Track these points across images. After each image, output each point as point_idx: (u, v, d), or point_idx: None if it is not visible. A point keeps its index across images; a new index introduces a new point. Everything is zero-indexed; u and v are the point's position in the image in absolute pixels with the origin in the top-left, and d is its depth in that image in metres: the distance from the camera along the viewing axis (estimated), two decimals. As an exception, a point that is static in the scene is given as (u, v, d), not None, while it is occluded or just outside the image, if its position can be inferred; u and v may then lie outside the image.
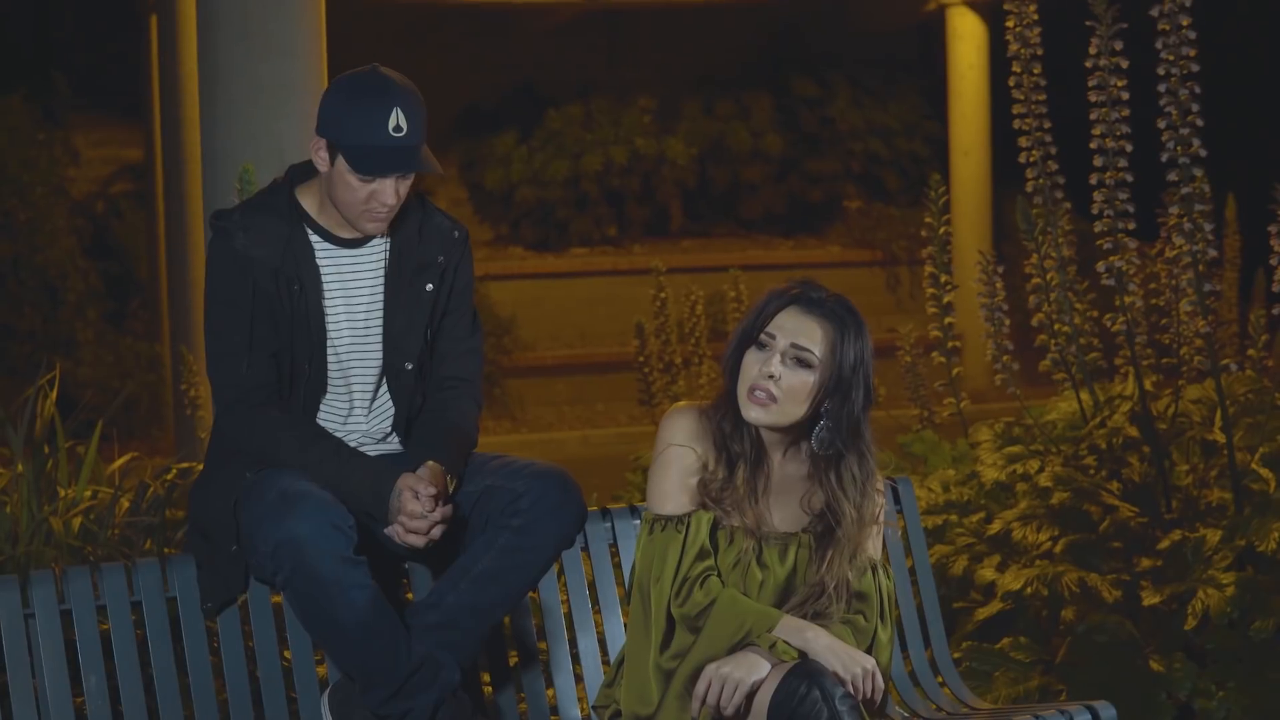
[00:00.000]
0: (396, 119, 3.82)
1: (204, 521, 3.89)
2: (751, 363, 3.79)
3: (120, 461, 6.29)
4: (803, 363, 3.77)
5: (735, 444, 3.82)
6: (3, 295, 13.64)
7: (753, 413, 3.78)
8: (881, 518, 3.93)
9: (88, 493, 6.02)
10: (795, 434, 3.85)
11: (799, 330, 3.78)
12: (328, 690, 3.87)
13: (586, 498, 4.00)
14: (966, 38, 14.28)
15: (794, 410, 3.77)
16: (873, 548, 3.89)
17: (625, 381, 13.28)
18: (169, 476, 5.93)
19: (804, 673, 3.57)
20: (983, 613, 5.32)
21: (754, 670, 3.61)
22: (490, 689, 4.15)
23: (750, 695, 3.61)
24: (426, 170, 3.86)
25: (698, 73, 16.57)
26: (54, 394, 6.21)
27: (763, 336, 3.79)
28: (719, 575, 3.79)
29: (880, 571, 3.88)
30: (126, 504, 6.05)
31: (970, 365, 11.31)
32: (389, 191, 3.86)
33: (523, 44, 16.33)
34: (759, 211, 16.26)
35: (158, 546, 5.53)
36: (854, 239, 16.01)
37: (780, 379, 3.76)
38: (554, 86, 16.19)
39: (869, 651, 3.82)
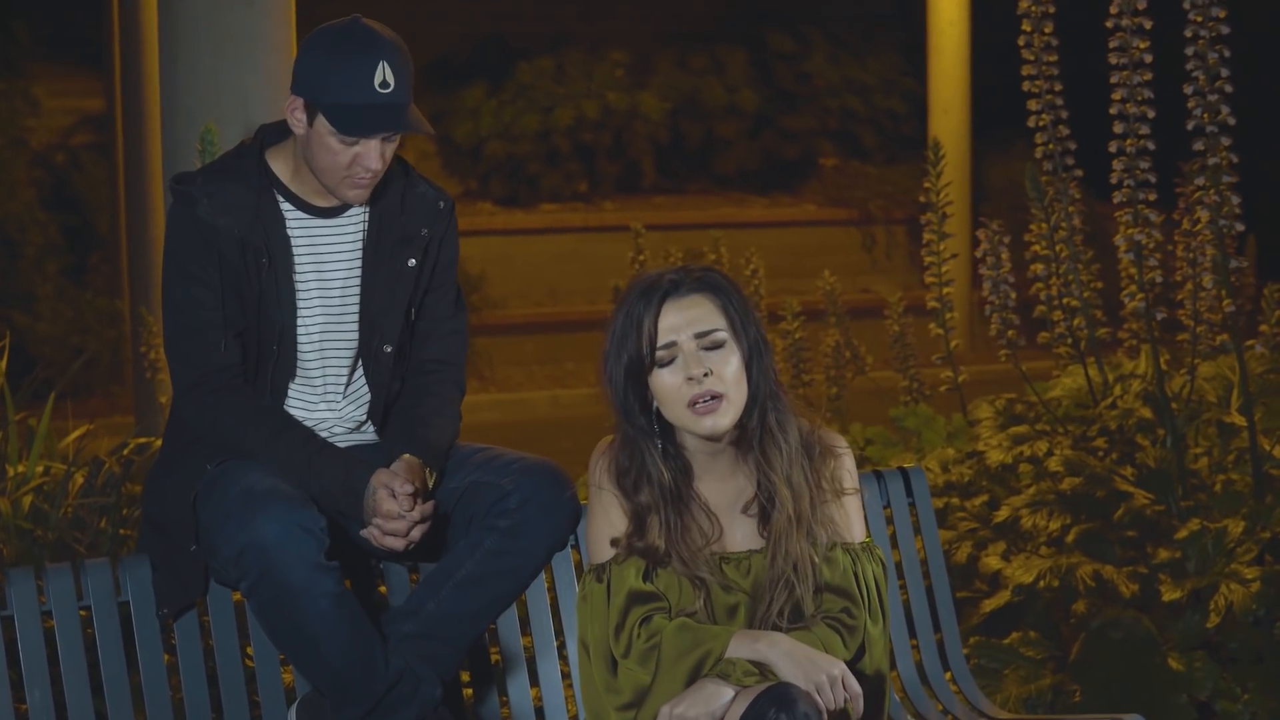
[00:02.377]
0: (383, 74, 3.48)
1: (160, 517, 3.55)
2: (669, 383, 3.42)
3: (75, 434, 5.94)
4: (717, 344, 3.43)
5: (642, 495, 3.45)
6: (-43, 249, 13.30)
7: (706, 424, 3.41)
8: (847, 488, 3.56)
9: (39, 468, 5.69)
10: (731, 440, 3.49)
11: (692, 319, 3.43)
12: (296, 703, 3.55)
13: (559, 460, 3.65)
14: (948, -8, 13.97)
15: (740, 396, 3.43)
16: (846, 527, 3.54)
17: (596, 340, 12.94)
18: (125, 452, 5.60)
19: (772, 698, 3.19)
20: (989, 604, 5.03)
21: (711, 703, 3.24)
22: (470, 693, 3.83)
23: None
24: (416, 130, 3.52)
25: (671, 26, 16.25)
26: (3, 363, 5.87)
27: (660, 354, 3.43)
28: (670, 615, 3.41)
29: (864, 556, 3.53)
30: (81, 480, 5.73)
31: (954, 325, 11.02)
32: (373, 155, 3.51)
33: (495, -6, 16.04)
34: (733, 168, 15.97)
35: (112, 528, 5.20)
36: (829, 197, 15.72)
37: (713, 371, 3.42)
38: (525, 38, 15.87)
39: (861, 651, 3.49)
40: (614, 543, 3.46)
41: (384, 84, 3.47)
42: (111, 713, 3.46)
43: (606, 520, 3.48)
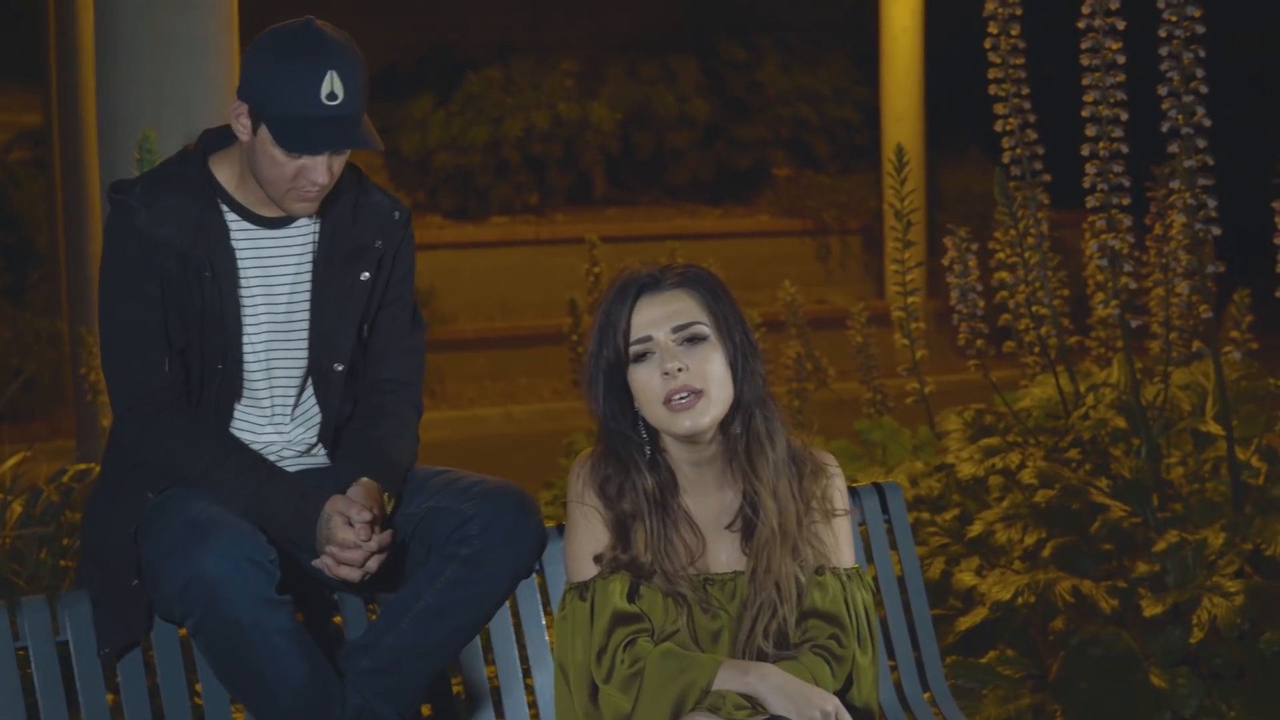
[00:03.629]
0: (331, 84, 3.26)
1: (100, 550, 3.35)
2: (644, 380, 3.25)
3: (11, 461, 5.74)
4: (697, 338, 3.26)
5: (626, 503, 3.28)
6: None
7: (685, 423, 3.23)
8: (839, 508, 3.40)
9: (-25, 496, 5.48)
10: (717, 451, 3.32)
11: (669, 313, 3.26)
12: (249, 744, 3.35)
13: (514, 477, 3.46)
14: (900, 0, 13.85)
15: (721, 395, 3.25)
16: (835, 550, 3.36)
17: (549, 355, 12.83)
18: (65, 479, 5.39)
19: None
20: (965, 622, 4.88)
21: None
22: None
23: None
24: (366, 146, 3.30)
25: (622, 35, 16.10)
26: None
27: (634, 349, 3.26)
28: (653, 637, 3.24)
29: (853, 583, 3.36)
30: (19, 509, 5.52)
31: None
32: (320, 169, 3.30)
33: (441, 3, 15.82)
34: (685, 179, 15.82)
35: (52, 559, 5.00)
36: (783, 207, 15.58)
37: (689, 367, 3.24)
38: (473, 48, 15.70)
39: (850, 681, 3.32)
40: (597, 559, 3.28)
41: (331, 95, 3.26)
42: (52, 757, 3.26)
43: (589, 535, 3.29)
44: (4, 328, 13.17)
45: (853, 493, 3.97)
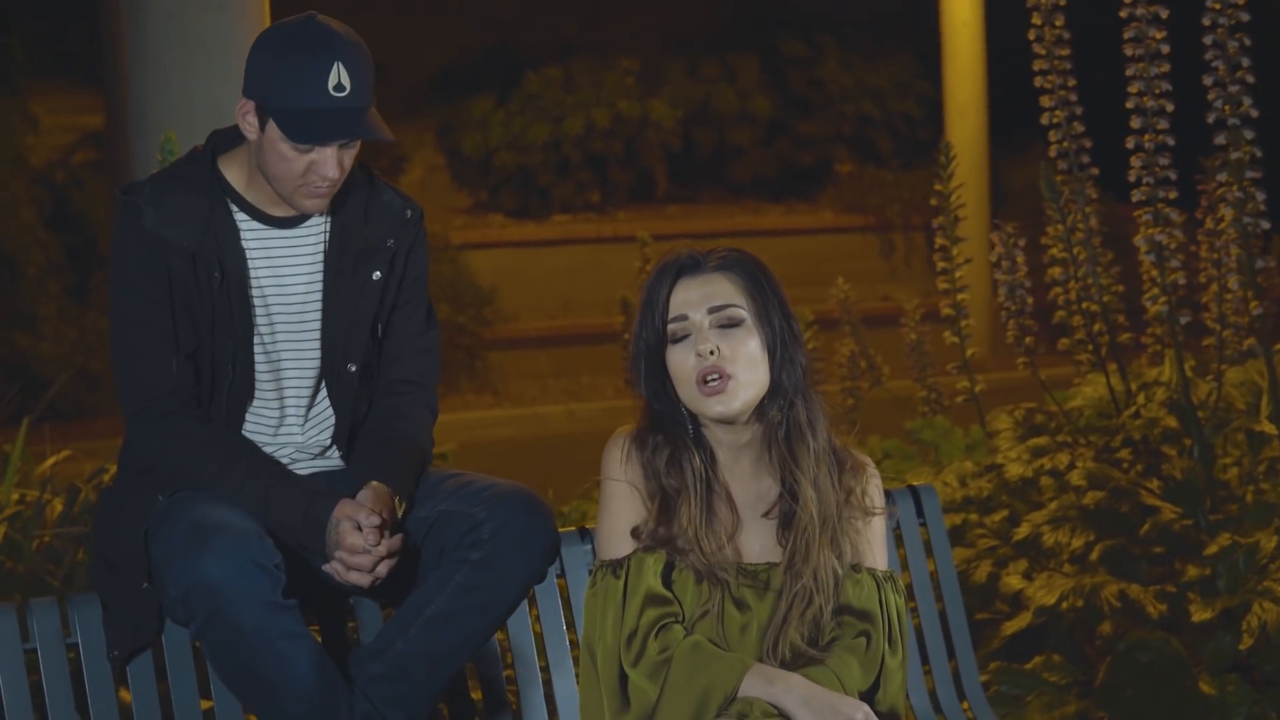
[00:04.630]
0: (338, 76, 3.21)
1: (111, 553, 3.29)
2: (680, 360, 3.21)
3: (51, 460, 5.71)
4: (732, 322, 3.20)
5: (673, 478, 3.22)
6: (-41, 264, 13.10)
7: (716, 407, 3.19)
8: (878, 506, 3.34)
9: (15, 496, 5.46)
10: (756, 436, 3.27)
11: (707, 294, 3.22)
12: (258, 750, 3.29)
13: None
14: (962, -8, 13.73)
15: (754, 379, 3.20)
16: (869, 551, 3.30)
17: (611, 353, 12.78)
18: (106, 478, 5.36)
19: None
20: (1010, 626, 4.77)
21: None
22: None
23: None
24: (374, 137, 3.25)
25: (680, 33, 16.03)
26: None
27: (672, 328, 3.22)
28: (683, 623, 3.18)
29: (888, 585, 3.29)
30: (60, 507, 5.50)
31: (974, 332, 10.74)
32: (330, 163, 3.24)
33: (501, 4, 15.80)
34: (747, 176, 15.75)
35: (90, 559, 4.96)
36: (846, 204, 15.49)
37: (721, 350, 3.18)
38: (533, 48, 15.67)
39: (877, 681, 3.23)
40: (634, 532, 3.22)
41: (338, 87, 3.21)
42: (60, 762, 3.21)
43: (624, 513, 3.24)
44: (69, 327, 13.23)
45: (887, 494, 3.88)
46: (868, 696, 3.20)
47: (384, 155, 15.34)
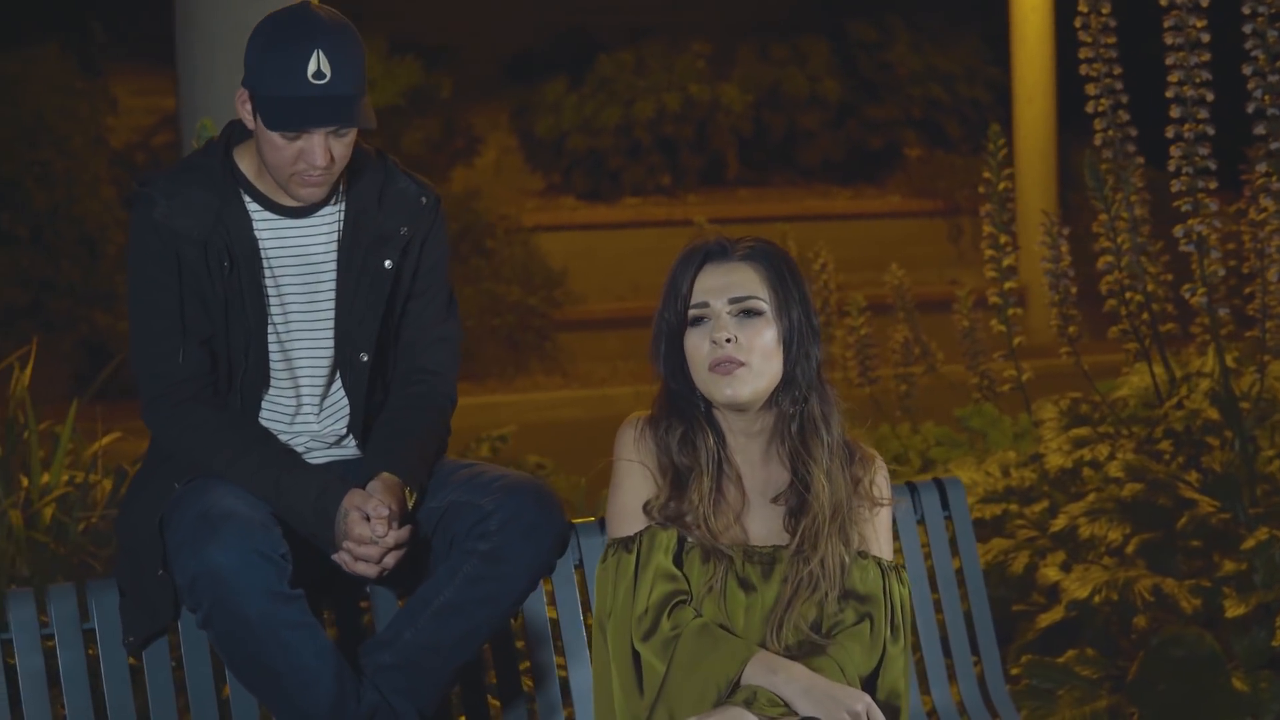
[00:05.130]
0: (317, 63, 3.22)
1: (129, 539, 3.32)
2: (697, 344, 3.26)
3: (103, 441, 5.76)
4: (752, 312, 3.26)
5: (686, 456, 3.26)
6: (40, 248, 13.19)
7: (725, 391, 3.23)
8: (885, 497, 3.37)
9: (64, 478, 5.52)
10: (767, 425, 3.30)
11: (729, 284, 3.27)
12: (271, 738, 3.31)
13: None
14: (1031, -22, 13.60)
15: (767, 369, 3.25)
16: (875, 542, 3.33)
17: (679, 336, 12.74)
18: (145, 463, 5.40)
19: None
20: (1045, 619, 4.74)
21: None
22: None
23: None
24: (351, 124, 3.25)
25: (751, 17, 15.98)
26: (29, 370, 5.70)
27: (693, 312, 3.27)
28: (692, 602, 3.21)
29: (892, 575, 3.31)
30: (110, 488, 5.57)
31: (1037, 318, 10.64)
32: (318, 151, 3.25)
33: (574, -12, 15.84)
34: (817, 159, 15.68)
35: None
36: (914, 188, 15.40)
37: (738, 338, 3.23)
38: (605, 31, 15.65)
39: (878, 667, 3.25)
40: (646, 507, 3.26)
41: (318, 74, 3.22)
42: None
43: (636, 490, 3.29)
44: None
45: (911, 488, 3.87)
46: (869, 680, 3.23)
47: (460, 137, 15.39)
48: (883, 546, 3.35)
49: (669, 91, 15.15)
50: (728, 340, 3.22)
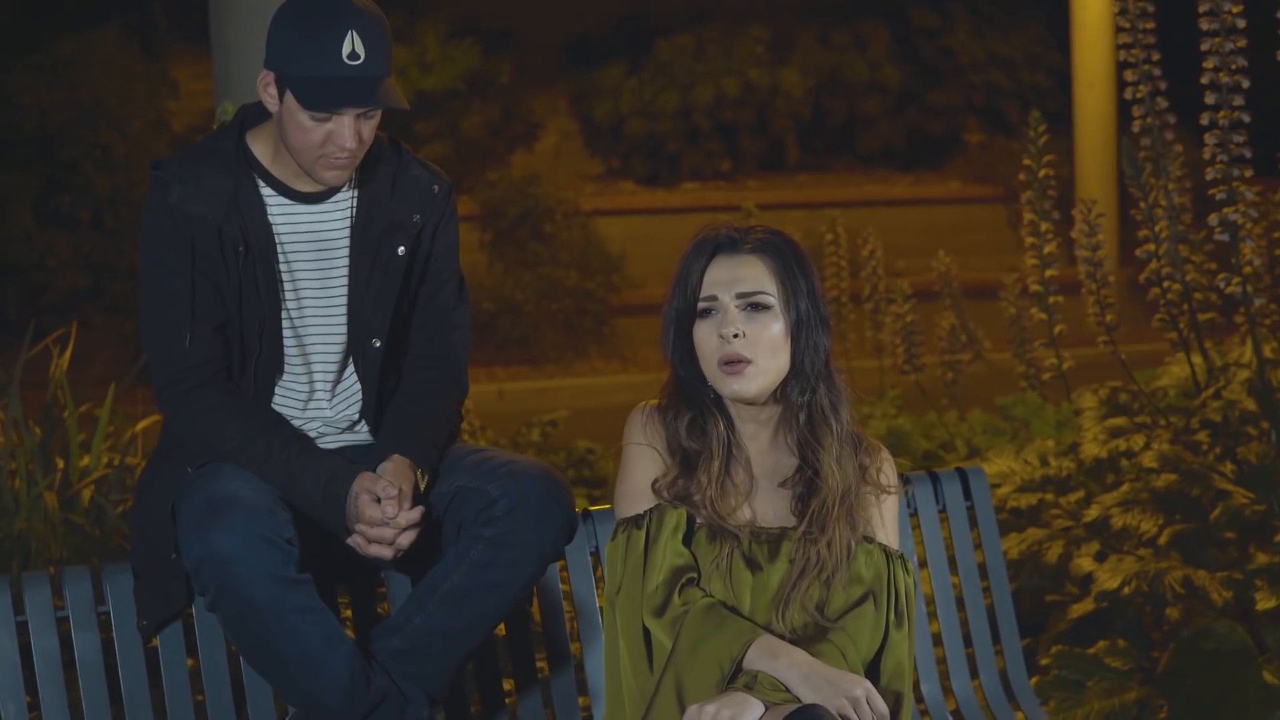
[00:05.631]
0: (352, 44, 3.22)
1: (143, 523, 3.33)
2: (705, 337, 3.26)
3: (143, 424, 5.78)
4: (759, 307, 3.26)
5: (695, 440, 3.28)
6: (101, 232, 13.28)
7: (733, 386, 3.24)
8: (893, 484, 3.38)
9: (104, 460, 5.55)
10: (775, 414, 3.31)
11: (738, 277, 3.26)
12: (285, 720, 3.33)
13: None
14: (1091, -37, 13.48)
15: (774, 364, 3.26)
16: (883, 529, 3.34)
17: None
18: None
19: None
20: (1077, 610, 4.71)
21: (744, 710, 3.01)
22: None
23: None
24: (388, 105, 3.25)
25: (811, 2, 15.92)
26: (68, 353, 5.73)
27: (702, 304, 3.27)
28: (700, 581, 3.22)
29: (896, 564, 3.31)
30: (147, 469, 5.58)
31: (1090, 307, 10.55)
32: (347, 133, 3.26)
33: (633, -28, 15.83)
34: (877, 145, 15.62)
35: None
36: (975, 174, 15.32)
37: (745, 334, 3.23)
38: (664, 16, 15.63)
39: (880, 654, 3.24)
40: (654, 484, 3.27)
41: (353, 55, 3.22)
42: (88, 730, 3.26)
43: (645, 472, 3.30)
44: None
45: (933, 478, 3.86)
46: (871, 668, 3.23)
47: (519, 122, 15.40)
48: (890, 535, 3.35)
49: (728, 76, 15.11)
50: (735, 335, 3.23)
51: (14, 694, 3.22)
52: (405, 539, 3.23)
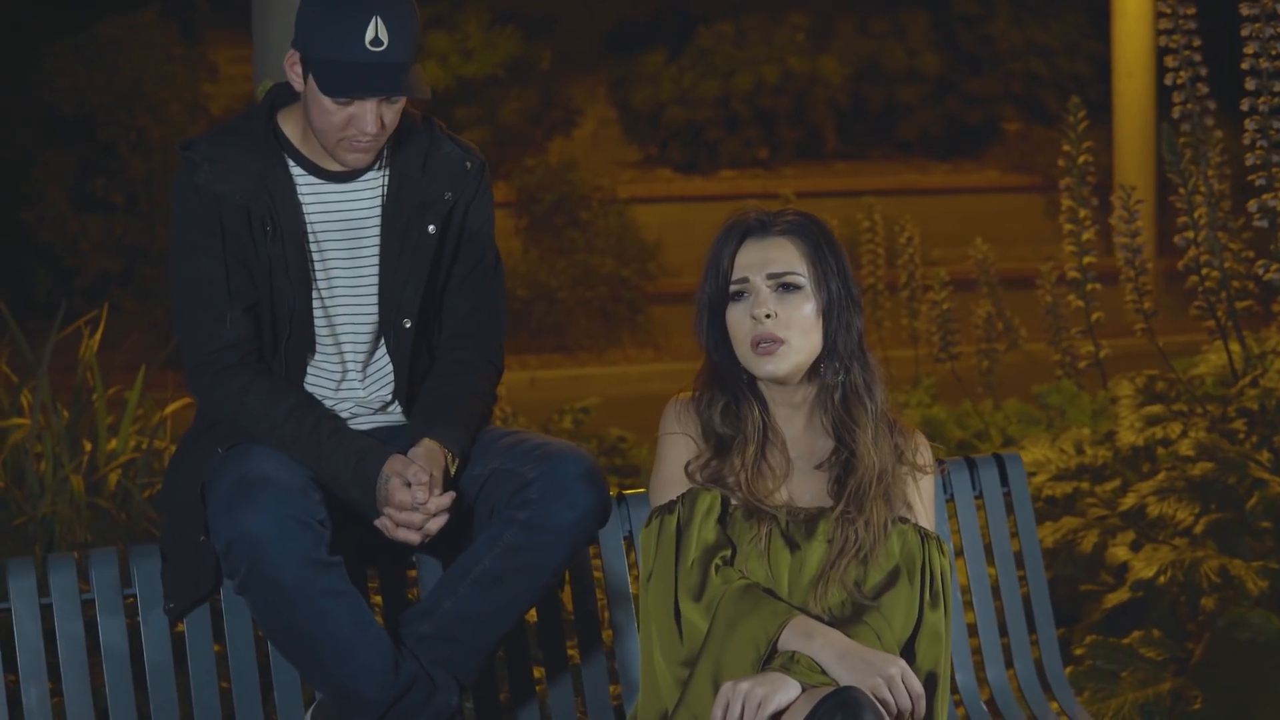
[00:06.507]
0: (375, 30, 3.20)
1: (172, 505, 3.32)
2: (738, 320, 3.26)
3: (172, 407, 5.77)
4: (790, 287, 3.25)
5: (729, 426, 3.27)
6: (135, 215, 13.30)
7: (767, 367, 3.24)
8: (929, 464, 3.36)
9: (132, 444, 5.54)
10: (810, 396, 3.30)
11: (769, 259, 3.26)
12: (312, 708, 3.29)
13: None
14: (1131, -50, 13.40)
15: (806, 343, 3.26)
16: (918, 510, 3.32)
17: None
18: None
19: (839, 704, 2.93)
20: (1112, 599, 4.67)
21: (780, 689, 2.99)
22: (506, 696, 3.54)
23: (777, 716, 3.00)
24: (409, 94, 3.23)
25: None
26: (98, 335, 5.72)
27: (734, 288, 3.27)
28: (736, 562, 3.20)
29: (932, 544, 3.29)
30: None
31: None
32: (369, 117, 3.24)
33: (672, -42, 15.79)
34: (915, 133, 15.55)
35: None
36: (1012, 163, 15.25)
37: (777, 314, 3.23)
38: (704, 3, 15.60)
39: (915, 632, 3.22)
40: (688, 468, 3.26)
41: (376, 41, 3.20)
42: (113, 715, 3.24)
43: (680, 460, 3.29)
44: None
45: (969, 464, 3.83)
46: (907, 648, 3.21)
47: (558, 108, 15.38)
48: (926, 516, 3.33)
49: (767, 64, 15.08)
50: (767, 316, 3.23)
51: (36, 678, 3.21)
52: (434, 524, 3.21)
